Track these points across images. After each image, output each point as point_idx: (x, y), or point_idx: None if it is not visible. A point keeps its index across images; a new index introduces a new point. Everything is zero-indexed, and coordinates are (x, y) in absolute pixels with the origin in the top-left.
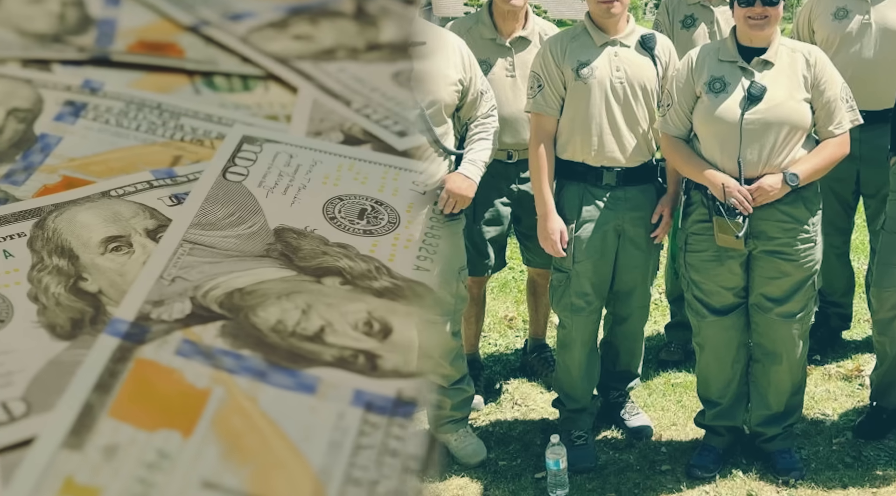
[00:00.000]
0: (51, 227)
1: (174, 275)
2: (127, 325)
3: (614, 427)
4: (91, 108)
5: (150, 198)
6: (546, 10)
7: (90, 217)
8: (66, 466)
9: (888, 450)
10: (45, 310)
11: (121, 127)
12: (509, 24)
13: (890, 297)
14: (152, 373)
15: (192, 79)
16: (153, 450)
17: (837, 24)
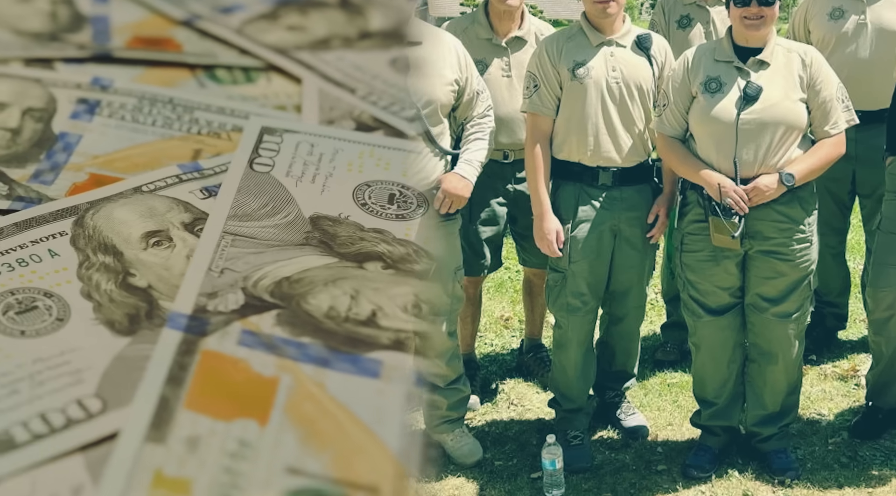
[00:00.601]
0: (90, 224)
1: (222, 266)
2: (186, 319)
3: (610, 427)
4: (105, 104)
5: (181, 192)
6: (542, 10)
7: (126, 213)
8: (153, 460)
9: (884, 449)
10: (100, 308)
11: (137, 123)
12: (505, 24)
13: (886, 297)
14: (220, 364)
15: (194, 72)
16: (233, 440)
17: (833, 24)
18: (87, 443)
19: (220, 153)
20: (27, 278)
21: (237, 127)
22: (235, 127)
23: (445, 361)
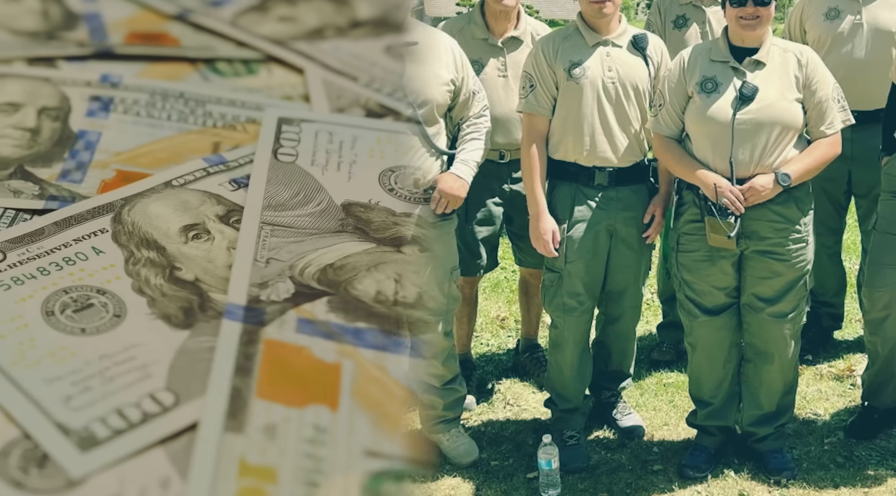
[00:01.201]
0: (128, 220)
1: (266, 256)
2: (242, 310)
3: (606, 427)
4: (118, 101)
5: (211, 184)
6: (538, 10)
7: (161, 208)
8: (235, 449)
9: (879, 449)
10: (154, 302)
11: (152, 118)
12: (501, 24)
13: (881, 297)
14: (284, 353)
15: (196, 66)
16: (309, 426)
17: (829, 24)
18: (166, 437)
19: (239, 145)
20: (77, 276)
21: (251, 118)
22: (249, 118)
23: (441, 361)
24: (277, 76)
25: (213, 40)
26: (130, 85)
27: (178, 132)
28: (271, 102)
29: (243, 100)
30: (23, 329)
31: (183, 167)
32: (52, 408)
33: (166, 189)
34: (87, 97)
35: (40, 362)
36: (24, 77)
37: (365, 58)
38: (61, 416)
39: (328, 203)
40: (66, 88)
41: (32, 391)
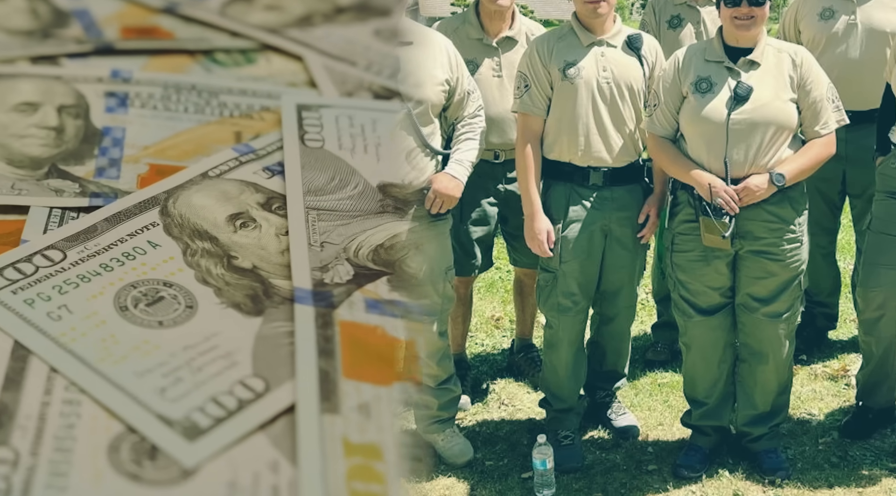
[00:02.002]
0: (175, 213)
1: (319, 240)
2: (310, 294)
3: (601, 427)
4: (133, 96)
5: (245, 173)
6: (533, 10)
7: (203, 199)
8: (336, 430)
9: (874, 449)
10: (220, 292)
11: (169, 111)
12: (496, 24)
13: (876, 297)
14: (359, 333)
15: (195, 58)
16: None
17: (823, 24)
18: (264, 422)
19: (260, 133)
20: (140, 271)
21: (265, 107)
22: (263, 107)
23: (436, 361)
24: (276, 64)
25: (205, 32)
26: (142, 79)
27: (197, 124)
28: (283, 90)
29: (254, 89)
30: (101, 326)
31: (215, 158)
32: (149, 400)
33: (204, 180)
34: (102, 93)
35: (127, 357)
36: (35, 76)
37: (358, 42)
38: (160, 408)
39: (364, 185)
40: (79, 85)
41: (126, 385)
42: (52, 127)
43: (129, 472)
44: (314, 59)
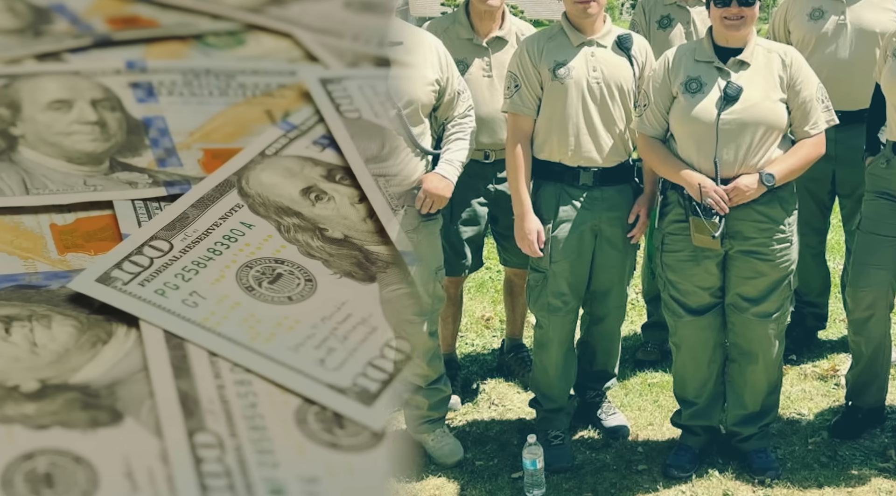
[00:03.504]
0: (252, 192)
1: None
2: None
3: (591, 427)
4: (157, 85)
5: (299, 149)
6: (523, 11)
7: (270, 176)
8: None
9: (863, 449)
10: (328, 263)
11: (195, 96)
12: (486, 24)
13: (865, 297)
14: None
15: (187, 43)
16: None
17: (813, 24)
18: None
19: (289, 109)
20: (248, 251)
21: (282, 84)
22: (280, 84)
23: (426, 361)
24: (267, 43)
25: (186, 17)
26: (158, 68)
27: (225, 106)
28: (293, 67)
29: (265, 68)
30: (237, 307)
31: (265, 137)
32: (314, 372)
33: (265, 159)
34: (126, 85)
35: (275, 334)
36: (55, 73)
37: (333, 16)
38: (328, 378)
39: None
40: (101, 79)
41: (287, 361)
42: (94, 121)
43: (327, 442)
44: (304, 36)
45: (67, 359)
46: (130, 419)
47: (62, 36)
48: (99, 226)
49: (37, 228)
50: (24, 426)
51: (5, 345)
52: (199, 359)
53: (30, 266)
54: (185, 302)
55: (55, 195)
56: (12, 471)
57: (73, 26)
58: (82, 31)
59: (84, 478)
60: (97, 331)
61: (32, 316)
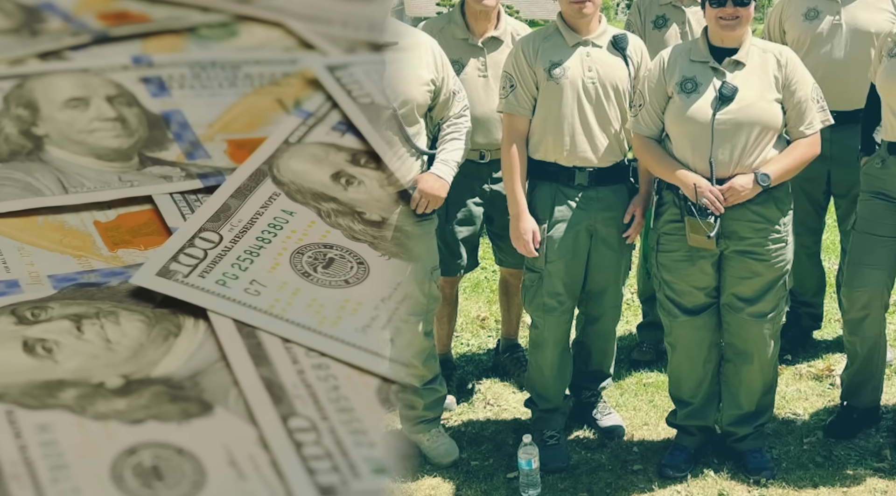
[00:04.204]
0: (285, 180)
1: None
2: None
3: (586, 427)
4: (167, 78)
5: (319, 135)
6: (518, 11)
7: (298, 164)
8: None
9: (858, 449)
10: (374, 245)
11: (206, 88)
12: (481, 24)
13: (860, 297)
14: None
15: (182, 36)
16: None
17: (808, 24)
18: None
19: (299, 97)
20: (295, 238)
21: (286, 73)
22: (284, 73)
23: (422, 361)
24: (259, 33)
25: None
26: (164, 62)
27: (237, 97)
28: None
29: (267, 58)
30: (298, 293)
31: (285, 125)
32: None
33: (289, 147)
34: (136, 80)
35: (340, 317)
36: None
37: (320, 4)
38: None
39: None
40: (110, 75)
41: (359, 343)
42: (113, 118)
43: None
44: (295, 24)
45: (143, 353)
46: (220, 408)
47: (60, 34)
48: (142, 220)
49: (81, 226)
50: (120, 421)
51: (81, 344)
52: (273, 347)
53: (85, 264)
54: (247, 291)
55: (95, 192)
56: (120, 466)
57: (67, 24)
58: (79, 29)
59: (191, 469)
60: (166, 324)
61: (99, 313)
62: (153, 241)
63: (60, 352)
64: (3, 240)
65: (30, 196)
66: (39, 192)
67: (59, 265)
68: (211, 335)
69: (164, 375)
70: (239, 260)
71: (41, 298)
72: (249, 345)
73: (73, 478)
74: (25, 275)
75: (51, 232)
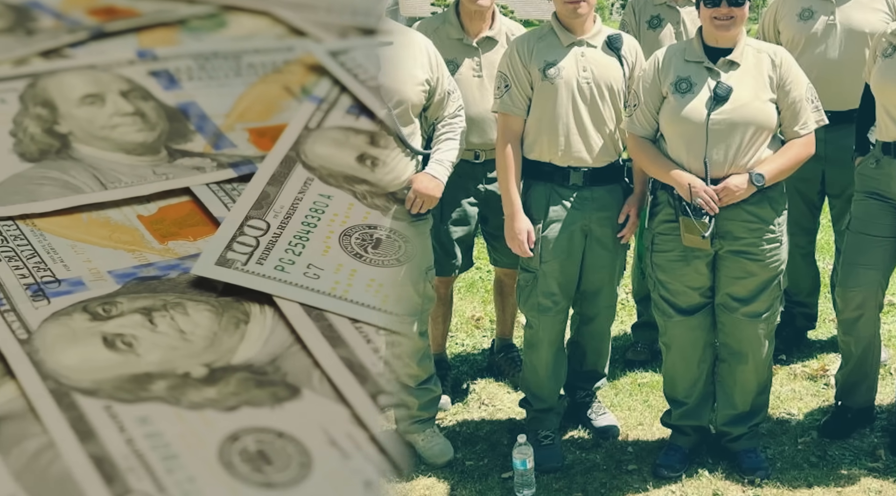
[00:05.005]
0: (316, 165)
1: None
2: None
3: (581, 427)
4: (174, 71)
5: (336, 119)
6: (513, 11)
7: (323, 148)
8: None
9: (853, 449)
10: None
11: (214, 79)
12: (476, 24)
13: (855, 297)
14: None
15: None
16: None
17: (803, 24)
18: None
19: (305, 83)
20: (339, 220)
21: (285, 60)
22: (285, 61)
23: (416, 361)
24: (247, 23)
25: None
26: (168, 55)
27: (245, 86)
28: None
29: (265, 46)
30: (355, 274)
31: (302, 112)
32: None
33: (311, 133)
34: (145, 74)
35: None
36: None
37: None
38: None
39: None
40: (119, 70)
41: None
42: (131, 112)
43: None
44: (282, 12)
45: (219, 342)
46: (307, 391)
47: (56, 31)
48: (184, 212)
49: (126, 221)
50: (215, 409)
51: (157, 336)
52: (344, 327)
53: (140, 258)
54: (306, 274)
55: (135, 187)
56: (226, 452)
57: (59, 21)
58: (74, 25)
59: (295, 451)
60: (233, 312)
61: (167, 305)
62: (200, 231)
63: (140, 346)
64: (54, 238)
65: (71, 194)
66: (79, 189)
67: (116, 261)
68: (280, 320)
69: (245, 362)
70: (291, 245)
71: (108, 294)
72: (322, 328)
73: (186, 467)
74: (86, 273)
75: (98, 228)
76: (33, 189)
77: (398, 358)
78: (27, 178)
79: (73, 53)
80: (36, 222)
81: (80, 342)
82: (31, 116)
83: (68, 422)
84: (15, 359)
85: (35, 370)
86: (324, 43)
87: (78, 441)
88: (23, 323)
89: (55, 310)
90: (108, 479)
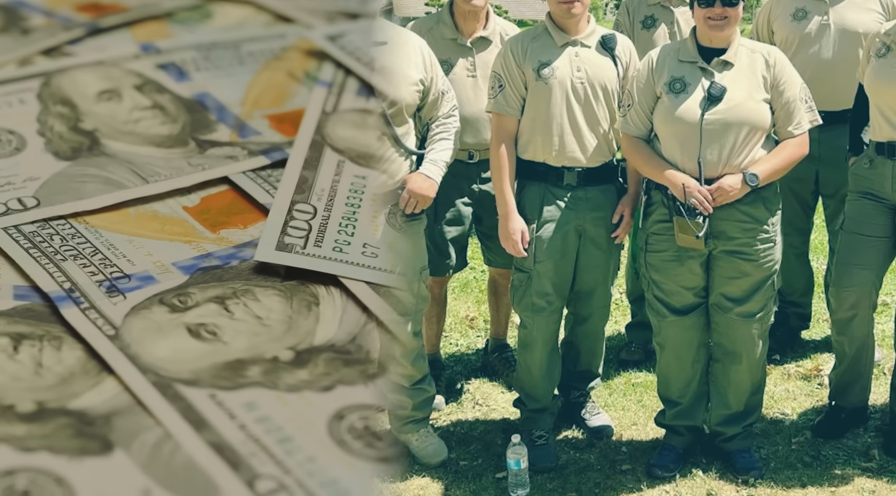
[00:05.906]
0: (343, 147)
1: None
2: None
3: (575, 427)
4: (181, 63)
5: (348, 102)
6: (507, 11)
7: (343, 130)
8: None
9: (847, 449)
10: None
11: (219, 69)
12: (470, 24)
13: (848, 297)
14: None
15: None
16: None
17: (796, 24)
18: None
19: (307, 69)
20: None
21: (284, 47)
22: (282, 48)
23: (411, 361)
24: (232, 13)
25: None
26: (170, 47)
27: (251, 75)
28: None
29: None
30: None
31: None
32: None
33: (329, 117)
34: (154, 67)
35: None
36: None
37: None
38: None
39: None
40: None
41: None
42: (150, 106)
43: None
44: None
45: (296, 324)
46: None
47: (52, 29)
48: (227, 201)
49: (174, 213)
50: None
51: (236, 323)
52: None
53: (198, 248)
54: (364, 254)
55: (176, 179)
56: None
57: (50, 19)
58: (67, 23)
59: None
60: (301, 295)
61: (236, 292)
62: (249, 218)
63: (224, 334)
64: (110, 234)
65: (115, 189)
66: (121, 184)
67: (176, 253)
68: (349, 300)
69: (327, 342)
70: (342, 226)
71: (179, 285)
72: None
73: (303, 448)
74: (152, 266)
75: (147, 221)
76: (77, 187)
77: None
78: (68, 176)
79: (75, 50)
80: (88, 220)
81: (167, 334)
82: (53, 115)
83: (179, 413)
84: (110, 356)
85: (132, 364)
86: (317, 28)
87: (193, 430)
88: (106, 319)
89: (133, 304)
90: (233, 466)
